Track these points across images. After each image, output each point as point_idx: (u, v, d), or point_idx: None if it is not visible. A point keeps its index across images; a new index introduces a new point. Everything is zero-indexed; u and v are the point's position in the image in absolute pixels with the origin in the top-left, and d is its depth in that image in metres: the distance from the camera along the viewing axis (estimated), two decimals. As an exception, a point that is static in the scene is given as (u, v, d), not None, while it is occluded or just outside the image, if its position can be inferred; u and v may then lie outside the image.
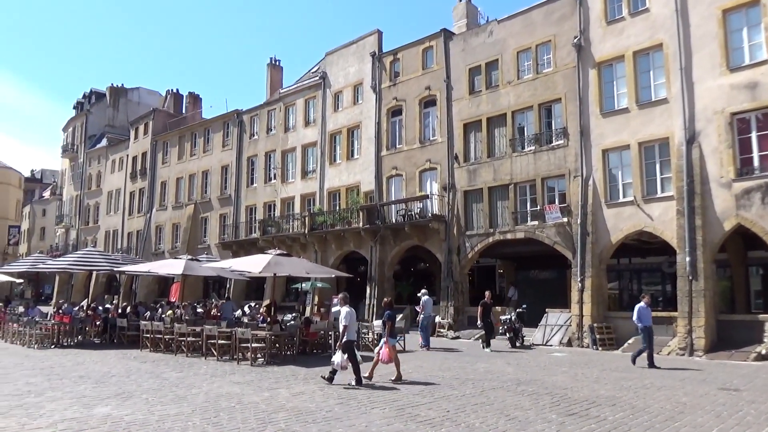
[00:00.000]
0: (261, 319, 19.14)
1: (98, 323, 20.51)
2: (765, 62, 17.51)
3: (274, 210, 34.23)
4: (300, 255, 28.79)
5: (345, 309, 11.48)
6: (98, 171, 51.19)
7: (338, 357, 11.05)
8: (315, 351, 17.06)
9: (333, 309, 24.75)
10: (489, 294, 19.85)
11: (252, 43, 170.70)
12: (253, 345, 14.42)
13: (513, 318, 20.06)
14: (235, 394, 10.03)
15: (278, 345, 15.78)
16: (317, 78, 32.97)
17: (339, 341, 11.25)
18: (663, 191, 19.45)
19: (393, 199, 27.68)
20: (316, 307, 28.50)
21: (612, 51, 21.01)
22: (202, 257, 27.11)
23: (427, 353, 17.67)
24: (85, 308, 24.00)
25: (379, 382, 11.57)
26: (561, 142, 22.15)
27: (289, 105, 34.59)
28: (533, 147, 22.95)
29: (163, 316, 19.45)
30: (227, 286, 34.65)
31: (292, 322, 17.49)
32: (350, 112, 30.73)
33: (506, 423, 8.11)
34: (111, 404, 9.10)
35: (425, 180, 26.85)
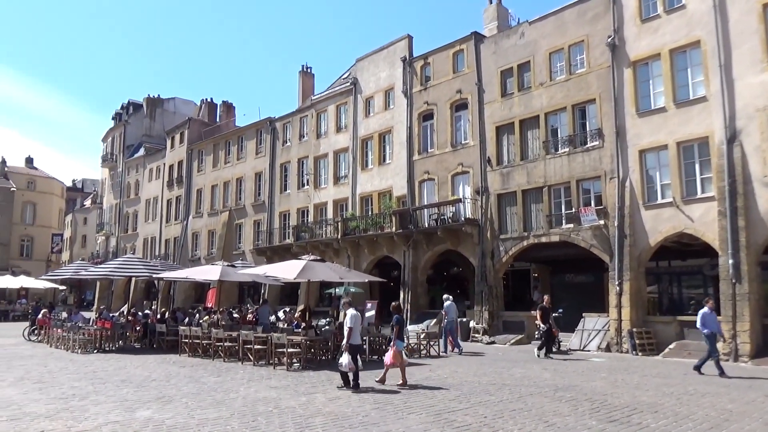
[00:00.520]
0: (295, 325, 19.28)
1: (138, 328, 20.95)
2: (809, 57, 16.97)
3: (308, 216, 34.51)
4: (333, 260, 28.92)
5: (351, 312, 11.71)
6: (136, 179, 52.43)
7: (345, 359, 11.17)
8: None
9: (366, 314, 24.89)
10: (548, 298, 19.06)
11: (284, 52, 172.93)
12: (289, 350, 14.54)
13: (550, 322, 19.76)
14: (272, 399, 10.13)
15: (313, 350, 15.89)
16: (348, 84, 33.18)
17: (344, 344, 11.40)
18: (703, 192, 18.96)
19: (425, 204, 27.64)
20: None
21: (647, 49, 20.61)
22: (238, 263, 27.50)
23: (461, 358, 17.55)
24: (126, 314, 24.56)
25: (380, 386, 11.67)
26: (596, 144, 21.81)
27: (321, 111, 34.88)
28: (567, 149, 22.66)
29: (201, 322, 19.76)
30: (262, 292, 35.04)
31: (327, 327, 17.57)
32: (381, 117, 30.83)
33: (545, 429, 8.00)
34: (152, 408, 9.28)
35: (458, 184, 26.74)
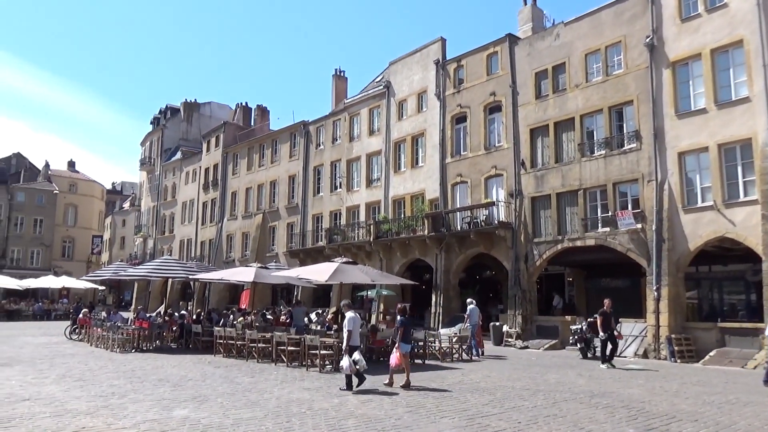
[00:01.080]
0: (327, 327, 19.40)
1: (175, 329, 21.35)
2: None
3: (340, 218, 34.70)
4: (365, 263, 29.00)
5: (349, 314, 11.96)
6: (173, 182, 53.52)
7: (345, 361, 11.28)
8: (381, 359, 17.06)
9: (398, 317, 24.83)
10: (609, 302, 17.36)
11: (318, 56, 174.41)
12: (322, 352, 14.62)
13: (584, 328, 19.46)
14: (306, 400, 10.20)
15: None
16: (381, 87, 33.28)
17: (344, 346, 11.57)
18: (746, 195, 18.41)
19: (458, 207, 27.50)
20: (382, 315, 28.62)
21: (687, 49, 20.14)
22: (271, 265, 27.80)
23: (495, 362, 17.38)
24: (162, 314, 25.06)
25: (381, 388, 11.68)
26: (633, 146, 21.38)
27: (354, 115, 35.06)
28: (603, 151, 22.27)
29: (235, 323, 20.04)
30: (295, 294, 35.34)
31: (360, 330, 17.58)
32: (414, 120, 30.81)
33: (581, 436, 7.86)
34: (188, 407, 9.44)
35: (491, 187, 26.53)
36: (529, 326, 23.70)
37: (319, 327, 20.06)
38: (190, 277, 24.90)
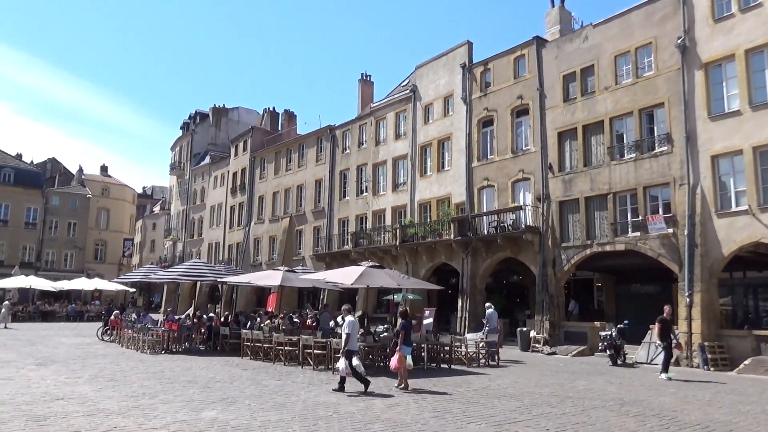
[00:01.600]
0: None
1: (203, 331, 21.60)
2: None
3: (366, 222, 34.76)
4: (391, 267, 28.96)
5: (348, 318, 12.18)
6: (202, 187, 54.27)
7: (341, 364, 11.57)
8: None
9: (425, 321, 24.76)
10: (668, 309, 16.69)
11: (344, 61, 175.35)
12: (348, 355, 14.62)
13: (614, 334, 19.12)
14: (332, 404, 10.22)
15: (371, 356, 15.94)
16: (407, 91, 33.29)
17: (342, 349, 11.88)
18: (782, 199, 17.94)
19: (485, 211, 27.33)
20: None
21: (721, 50, 19.73)
22: (298, 269, 27.95)
23: (523, 368, 17.19)
24: (191, 316, 25.37)
25: (381, 389, 11.67)
26: (664, 149, 21.00)
27: (380, 119, 35.13)
28: (634, 154, 21.92)
29: (262, 326, 20.19)
30: (321, 297, 35.48)
31: (385, 334, 17.61)
32: (440, 124, 30.75)
33: (611, 445, 7.72)
34: (217, 408, 9.54)
35: (518, 191, 26.30)
36: (557, 332, 23.40)
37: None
38: (219, 280, 25.17)
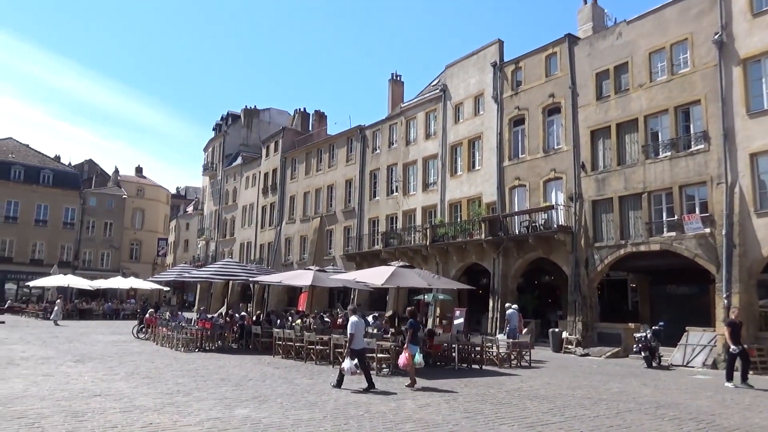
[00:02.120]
0: (383, 330, 19.41)
1: (235, 329, 21.90)
2: None
3: (396, 222, 34.78)
4: (421, 267, 28.92)
5: (353, 318, 12.25)
6: (234, 187, 55.03)
7: (347, 363, 11.69)
8: (438, 363, 17.02)
9: (455, 321, 24.69)
10: (737, 311, 15.60)
11: (375, 61, 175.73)
12: (378, 355, 14.68)
13: (649, 336, 18.76)
14: (363, 403, 10.27)
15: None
16: (437, 91, 33.20)
17: (346, 349, 12.14)
18: (826, 198, 17.38)
19: (516, 210, 27.08)
20: (439, 319, 28.50)
21: (760, 46, 19.19)
22: (329, 268, 28.12)
23: (555, 369, 16.99)
24: (224, 315, 25.74)
25: (381, 389, 11.63)
26: (701, 147, 20.52)
27: (410, 119, 35.11)
28: (669, 153, 21.47)
29: (293, 325, 20.36)
30: (351, 297, 35.63)
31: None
32: (471, 124, 30.58)
33: (646, 448, 7.59)
34: (249, 406, 9.67)
35: (550, 190, 26.01)
36: (590, 333, 23.06)
37: (376, 330, 20.12)
38: (251, 280, 25.48)
